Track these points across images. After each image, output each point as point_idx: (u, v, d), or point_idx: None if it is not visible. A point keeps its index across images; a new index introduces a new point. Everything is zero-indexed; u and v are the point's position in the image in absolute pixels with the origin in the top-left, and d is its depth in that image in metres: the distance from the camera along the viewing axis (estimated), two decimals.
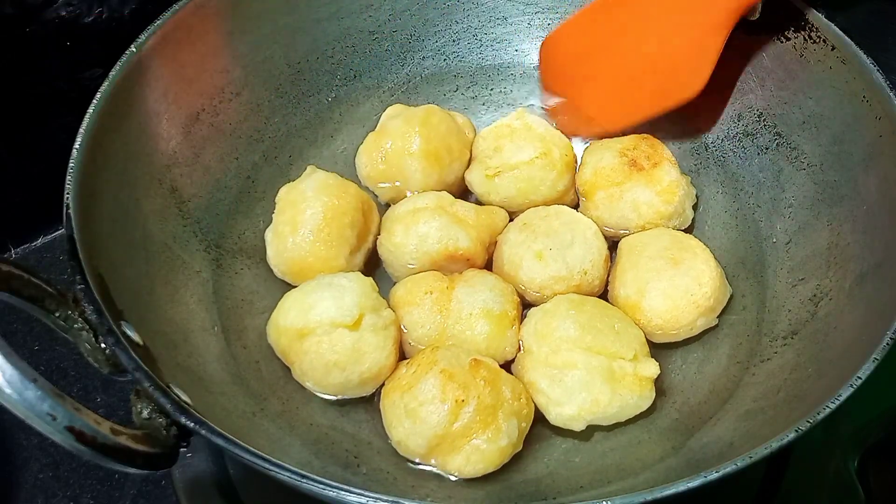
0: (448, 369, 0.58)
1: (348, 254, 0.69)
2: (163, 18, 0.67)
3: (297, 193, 0.69)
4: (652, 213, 0.71)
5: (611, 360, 0.61)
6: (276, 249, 0.69)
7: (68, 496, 0.73)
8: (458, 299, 0.65)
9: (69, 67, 0.81)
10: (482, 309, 0.64)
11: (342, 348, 0.60)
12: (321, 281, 0.64)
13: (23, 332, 0.81)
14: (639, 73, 0.75)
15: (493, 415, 0.57)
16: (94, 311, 0.51)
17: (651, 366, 0.62)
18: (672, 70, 0.73)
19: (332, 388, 0.62)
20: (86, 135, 0.59)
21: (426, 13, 0.83)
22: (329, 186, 0.69)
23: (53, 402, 0.43)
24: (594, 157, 0.74)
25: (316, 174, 0.70)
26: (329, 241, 0.67)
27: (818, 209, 0.68)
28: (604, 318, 0.63)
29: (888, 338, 0.52)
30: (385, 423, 0.60)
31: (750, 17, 0.72)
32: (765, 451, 0.47)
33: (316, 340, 0.60)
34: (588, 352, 0.61)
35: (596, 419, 0.61)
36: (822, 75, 0.68)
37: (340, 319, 0.60)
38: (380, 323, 0.62)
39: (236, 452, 0.47)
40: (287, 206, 0.69)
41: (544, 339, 0.62)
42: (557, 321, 0.62)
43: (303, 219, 0.67)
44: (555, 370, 0.61)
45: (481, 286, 0.66)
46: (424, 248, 0.68)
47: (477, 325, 0.64)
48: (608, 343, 0.61)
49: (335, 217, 0.68)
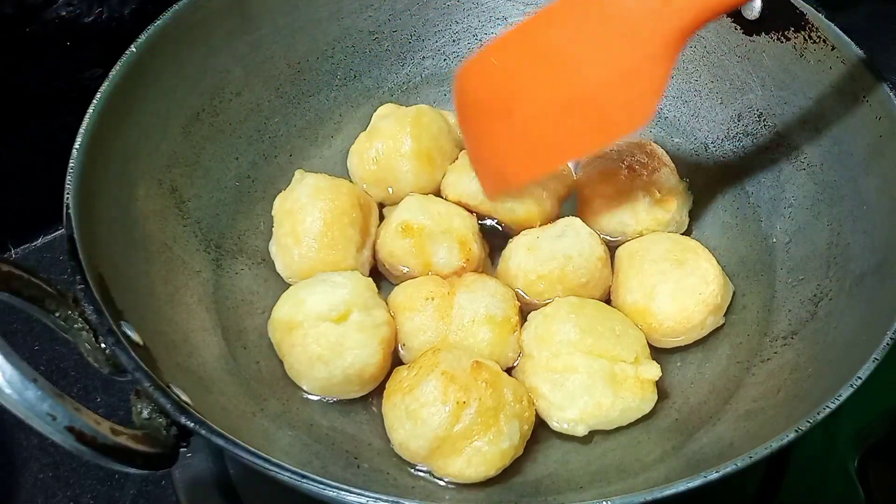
0: (449, 371, 0.57)
1: (355, 252, 0.69)
2: (163, 18, 0.67)
3: (292, 202, 0.68)
4: (650, 219, 0.71)
5: (612, 363, 0.61)
6: (284, 263, 0.69)
7: (68, 496, 0.73)
8: (459, 305, 0.65)
9: (69, 67, 0.81)
10: (484, 315, 0.64)
11: (325, 342, 0.60)
12: (318, 278, 0.65)
13: (23, 332, 0.81)
14: (569, 108, 0.62)
15: (494, 417, 0.57)
16: (94, 312, 0.51)
17: (653, 368, 0.61)
18: (610, 103, 0.61)
19: (317, 382, 0.62)
20: (86, 135, 0.59)
21: (426, 13, 0.83)
22: (322, 190, 0.68)
23: (53, 402, 0.43)
24: (593, 164, 0.74)
25: (306, 179, 0.70)
26: (334, 244, 0.67)
27: (818, 209, 0.68)
28: (604, 320, 0.63)
29: (888, 338, 0.51)
30: (386, 426, 0.60)
31: (750, 17, 0.72)
32: (765, 451, 0.47)
33: (302, 333, 0.61)
34: (589, 355, 0.61)
35: (598, 424, 0.61)
36: (822, 75, 0.68)
37: (327, 313, 0.61)
38: (368, 321, 0.62)
39: (236, 452, 0.47)
40: (285, 218, 0.69)
41: (545, 343, 0.62)
42: (558, 325, 0.62)
43: (303, 228, 0.67)
44: (556, 374, 0.61)
45: (482, 291, 0.65)
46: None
47: (479, 331, 0.64)
48: (609, 346, 0.61)
49: (335, 220, 0.67)
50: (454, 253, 0.68)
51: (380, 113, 0.77)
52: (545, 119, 0.63)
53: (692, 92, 0.79)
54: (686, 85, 0.79)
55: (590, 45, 0.60)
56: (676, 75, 0.79)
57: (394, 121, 0.74)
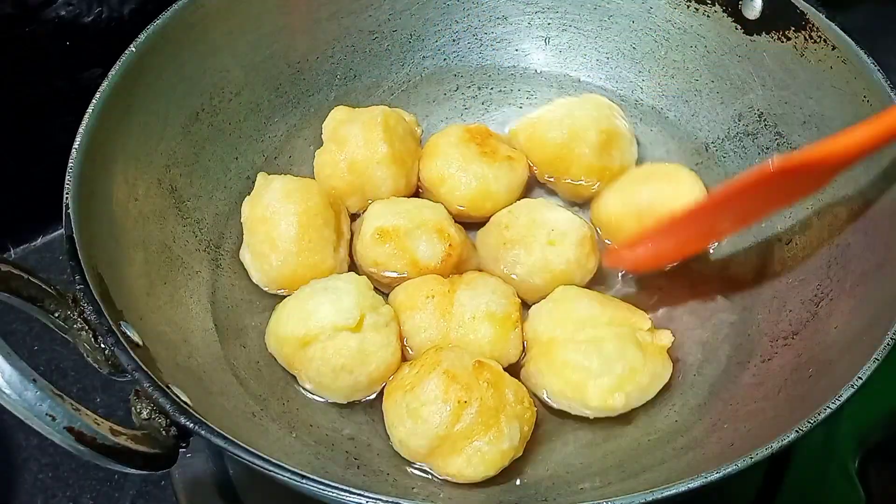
0: (451, 370, 0.57)
1: (332, 252, 0.68)
2: (163, 18, 0.67)
3: (263, 208, 0.67)
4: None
5: (633, 330, 0.62)
6: (261, 270, 0.68)
7: (68, 496, 0.73)
8: (460, 302, 0.64)
9: (69, 67, 0.81)
10: (485, 312, 0.64)
11: (348, 351, 0.60)
12: (316, 286, 0.64)
13: (23, 332, 0.81)
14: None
15: (495, 417, 0.57)
16: (94, 312, 0.51)
17: (666, 335, 0.63)
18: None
19: (342, 391, 0.62)
20: (86, 135, 0.59)
21: (426, 12, 0.83)
22: (292, 192, 0.67)
23: (53, 402, 0.43)
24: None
25: (273, 183, 0.68)
26: (312, 247, 0.66)
27: (818, 209, 0.68)
28: (610, 300, 0.65)
29: (888, 338, 0.51)
30: (387, 423, 0.60)
31: (750, 17, 0.72)
32: (765, 451, 0.47)
33: (321, 347, 0.60)
34: (611, 325, 0.62)
35: (633, 391, 0.60)
36: (823, 75, 0.68)
37: (343, 322, 0.60)
38: (381, 321, 0.62)
39: (236, 453, 0.46)
40: (257, 224, 0.67)
41: (563, 322, 0.62)
42: (572, 304, 0.63)
43: (279, 233, 0.66)
44: (585, 345, 0.61)
45: (483, 288, 0.65)
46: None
47: (480, 328, 0.63)
48: (628, 315, 0.63)
49: (309, 221, 0.66)
50: (435, 242, 0.68)
51: (337, 118, 0.75)
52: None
53: (692, 92, 0.79)
54: (686, 85, 0.79)
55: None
56: (676, 75, 0.79)
57: (361, 127, 0.72)
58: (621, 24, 0.81)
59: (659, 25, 0.79)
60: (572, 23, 0.83)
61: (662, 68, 0.80)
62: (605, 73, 0.82)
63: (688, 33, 0.78)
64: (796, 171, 0.58)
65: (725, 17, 0.75)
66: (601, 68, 0.83)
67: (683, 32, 0.78)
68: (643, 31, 0.80)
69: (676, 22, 0.78)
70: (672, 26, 0.78)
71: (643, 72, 0.81)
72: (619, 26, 0.81)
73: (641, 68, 0.81)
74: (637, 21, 0.80)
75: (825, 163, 0.58)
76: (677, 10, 0.77)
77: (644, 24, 0.80)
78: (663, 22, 0.79)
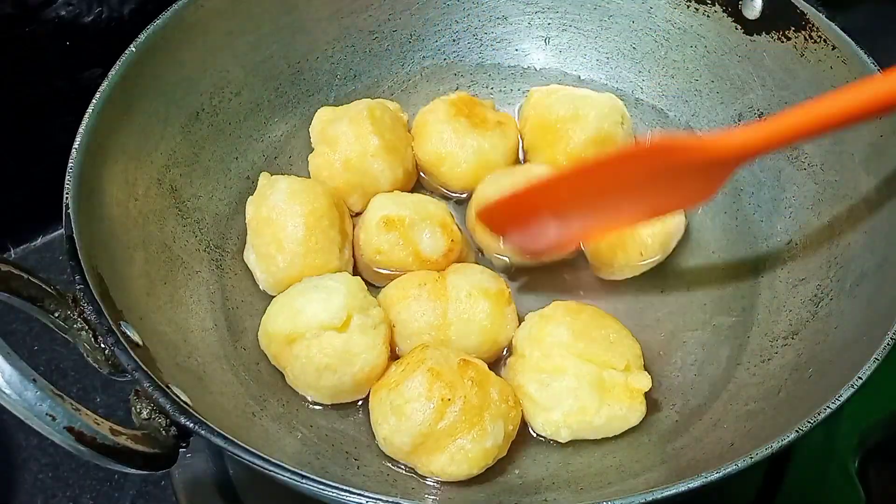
0: (436, 368, 0.57)
1: (338, 253, 0.68)
2: (163, 18, 0.67)
3: (269, 209, 0.67)
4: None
5: (601, 368, 0.60)
6: (267, 271, 0.67)
7: (68, 496, 0.73)
8: (453, 285, 0.65)
9: (69, 67, 0.81)
10: (479, 288, 0.64)
11: (332, 351, 0.59)
12: (308, 284, 0.63)
13: (22, 332, 0.81)
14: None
15: (479, 416, 0.57)
16: (94, 312, 0.51)
17: (643, 378, 0.61)
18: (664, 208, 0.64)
19: (326, 391, 0.61)
20: (86, 135, 0.59)
21: (426, 12, 0.83)
22: (298, 193, 0.67)
23: (53, 402, 0.43)
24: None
25: (278, 183, 0.68)
26: (318, 248, 0.66)
27: (818, 209, 0.68)
28: (600, 327, 0.63)
29: (888, 338, 0.51)
30: (372, 421, 0.60)
31: (750, 17, 0.72)
32: (765, 451, 0.47)
33: (305, 344, 0.60)
34: (579, 359, 0.60)
35: (582, 430, 0.60)
36: (823, 75, 0.68)
37: (329, 322, 0.59)
38: (369, 322, 0.61)
39: (236, 452, 0.46)
40: (263, 226, 0.67)
41: (537, 343, 0.62)
42: (552, 326, 0.62)
43: (286, 235, 0.66)
44: (544, 374, 0.61)
45: (472, 271, 0.67)
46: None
47: (478, 304, 0.64)
48: (600, 352, 0.61)
49: (316, 223, 0.66)
50: (438, 236, 0.68)
51: (323, 118, 0.75)
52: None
53: (692, 92, 0.79)
54: (686, 85, 0.79)
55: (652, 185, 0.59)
56: (676, 75, 0.79)
57: (349, 123, 0.72)
58: (621, 24, 0.81)
59: (659, 25, 0.79)
60: (572, 23, 0.83)
61: (662, 68, 0.80)
62: (605, 73, 0.83)
63: (688, 33, 0.78)
64: (676, 152, 0.55)
65: (725, 17, 0.75)
66: (601, 68, 0.83)
67: (683, 32, 0.78)
68: (643, 31, 0.80)
69: (676, 22, 0.78)
70: (672, 26, 0.78)
71: (643, 72, 0.81)
72: (619, 26, 0.81)
73: (641, 68, 0.81)
74: (637, 21, 0.80)
75: (708, 152, 0.55)
76: (677, 10, 0.78)
77: (644, 24, 0.80)
78: (663, 22, 0.79)
